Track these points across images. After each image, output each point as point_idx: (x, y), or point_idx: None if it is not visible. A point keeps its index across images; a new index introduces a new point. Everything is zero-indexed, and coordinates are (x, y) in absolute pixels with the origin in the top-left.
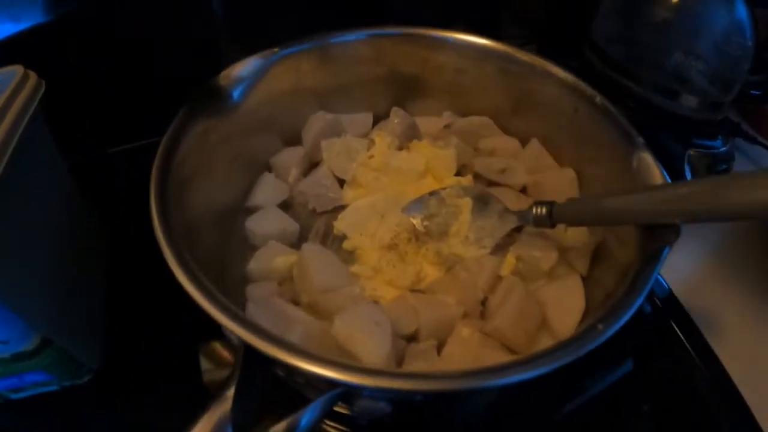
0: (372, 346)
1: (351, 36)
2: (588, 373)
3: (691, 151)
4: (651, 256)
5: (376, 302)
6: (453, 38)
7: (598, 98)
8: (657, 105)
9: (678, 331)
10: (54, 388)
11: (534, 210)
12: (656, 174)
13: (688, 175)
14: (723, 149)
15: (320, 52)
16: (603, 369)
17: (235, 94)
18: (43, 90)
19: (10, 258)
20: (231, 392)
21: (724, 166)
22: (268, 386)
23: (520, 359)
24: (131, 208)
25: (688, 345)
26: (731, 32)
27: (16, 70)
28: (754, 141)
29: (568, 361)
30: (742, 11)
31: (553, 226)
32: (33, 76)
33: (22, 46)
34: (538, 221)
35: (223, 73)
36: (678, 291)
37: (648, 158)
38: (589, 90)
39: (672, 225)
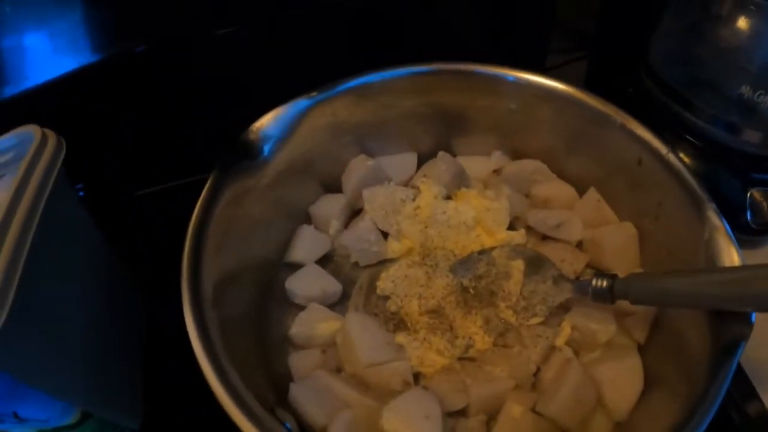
0: None
1: (390, 74)
2: None
3: (752, 191)
4: (723, 355)
5: (425, 386)
6: (508, 76)
7: (666, 152)
8: (715, 139)
9: None
10: None
11: (594, 282)
12: (729, 251)
13: (749, 216)
14: None
15: (357, 92)
16: None
17: (266, 148)
18: (64, 151)
19: (40, 337)
20: None
21: None
22: None
23: None
24: (165, 257)
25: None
26: None
27: (33, 132)
28: None
29: None
30: None
31: (612, 302)
32: (52, 137)
33: (38, 100)
34: (597, 295)
35: (252, 127)
36: None
37: (721, 229)
38: (656, 141)
39: (744, 313)
